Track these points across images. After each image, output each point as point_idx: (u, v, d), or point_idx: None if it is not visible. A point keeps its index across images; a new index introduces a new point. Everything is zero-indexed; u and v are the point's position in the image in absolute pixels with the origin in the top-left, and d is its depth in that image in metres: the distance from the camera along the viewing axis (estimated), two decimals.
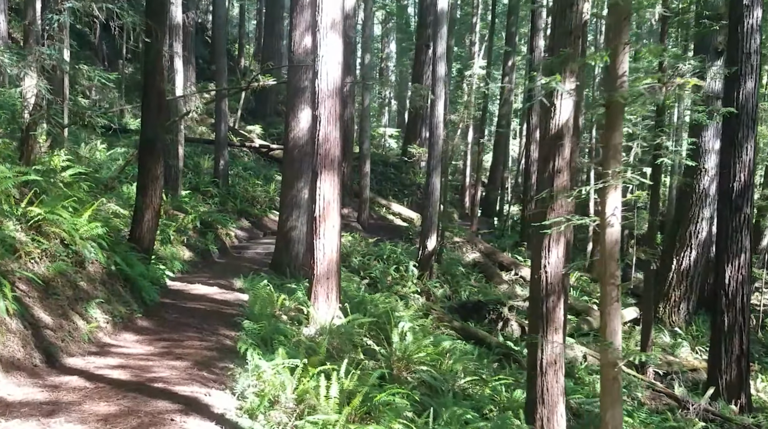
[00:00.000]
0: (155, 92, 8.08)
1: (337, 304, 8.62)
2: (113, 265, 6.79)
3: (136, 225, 8.36)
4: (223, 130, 18.28)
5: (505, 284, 19.19)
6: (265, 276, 11.37)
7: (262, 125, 24.91)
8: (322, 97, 8.45)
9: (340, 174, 8.78)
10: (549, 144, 7.29)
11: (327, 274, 8.54)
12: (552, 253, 7.33)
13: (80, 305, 5.87)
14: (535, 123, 22.00)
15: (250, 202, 18.63)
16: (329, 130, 8.47)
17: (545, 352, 7.39)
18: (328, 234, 8.56)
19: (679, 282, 18.60)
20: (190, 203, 15.20)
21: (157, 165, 8.27)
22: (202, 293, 9.16)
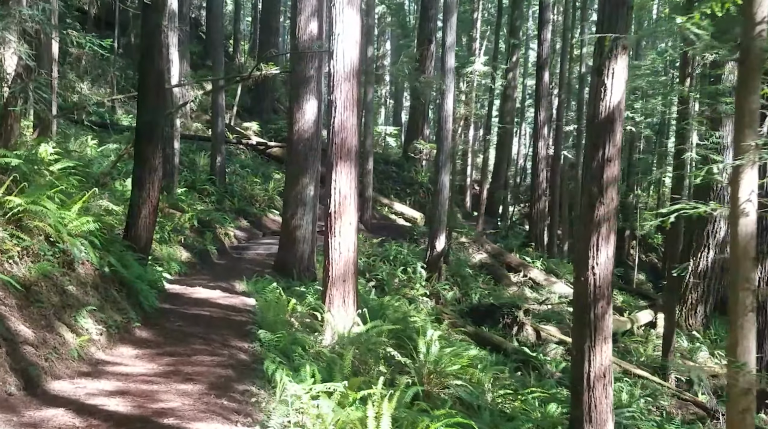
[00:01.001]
0: (154, 71, 7.25)
1: (354, 310, 7.80)
2: (107, 267, 5.92)
3: (131, 222, 7.51)
4: (221, 126, 17.42)
5: (514, 286, 18.43)
6: (270, 278, 10.55)
7: (259, 122, 24.03)
8: (338, 80, 7.62)
9: (358, 165, 7.96)
10: (598, 129, 6.48)
11: (343, 277, 7.72)
12: (601, 252, 6.53)
13: (68, 314, 4.97)
14: (543, 119, 21.26)
15: (248, 201, 17.78)
16: (346, 117, 7.65)
17: (593, 365, 6.58)
18: (344, 232, 7.74)
19: (696, 284, 17.83)
20: (186, 201, 14.35)
21: (156, 154, 7.42)
22: (205, 297, 8.30)
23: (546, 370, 12.47)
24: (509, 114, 25.63)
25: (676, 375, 14.52)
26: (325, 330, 7.36)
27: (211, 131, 18.24)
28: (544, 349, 14.36)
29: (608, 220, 6.47)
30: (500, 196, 25.21)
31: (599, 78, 6.45)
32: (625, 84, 6.51)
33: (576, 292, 6.89)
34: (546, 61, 21.19)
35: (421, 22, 24.43)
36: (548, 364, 12.90)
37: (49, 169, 7.76)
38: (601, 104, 6.44)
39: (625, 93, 6.53)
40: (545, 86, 21.22)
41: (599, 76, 6.45)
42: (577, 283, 6.81)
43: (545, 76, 21.09)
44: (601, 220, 6.45)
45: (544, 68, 21.12)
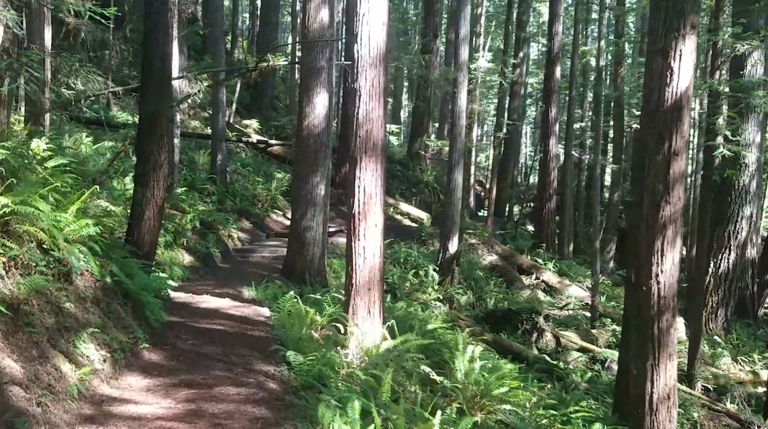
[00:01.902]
0: (158, 55, 6.48)
1: (380, 321, 7.05)
2: (109, 277, 5.12)
3: (134, 224, 6.74)
4: (221, 122, 16.63)
5: (527, 289, 17.70)
6: (280, 283, 9.80)
7: (259, 120, 23.24)
8: (363, 66, 6.87)
9: (384, 161, 7.21)
10: (664, 118, 5.75)
11: (368, 284, 6.97)
12: (666, 258, 5.79)
13: (66, 339, 4.11)
14: (554, 115, 20.54)
15: (250, 201, 16.99)
16: (371, 107, 6.90)
17: (656, 385, 5.84)
18: (369, 235, 6.99)
19: (716, 286, 17.17)
20: (187, 201, 13.55)
21: (161, 149, 6.65)
22: (214, 307, 7.53)
23: (571, 381, 11.76)
24: (516, 111, 24.93)
25: (703, 383, 13.85)
26: (350, 343, 6.61)
27: (210, 128, 17.45)
28: (565, 356, 13.67)
29: (675, 222, 5.75)
30: (507, 195, 24.49)
31: (664, 61, 5.73)
32: (693, 67, 5.78)
33: (634, 303, 6.15)
34: (557, 55, 20.49)
35: (426, 17, 23.69)
36: (573, 373, 12.19)
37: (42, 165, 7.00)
38: (667, 90, 5.71)
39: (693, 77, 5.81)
40: (556, 81, 20.50)
41: (664, 59, 5.73)
42: (637, 294, 6.08)
43: (556, 71, 20.38)
44: (666, 221, 5.73)
45: (556, 63, 20.41)
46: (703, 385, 13.66)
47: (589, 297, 17.69)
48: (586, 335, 14.70)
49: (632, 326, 6.36)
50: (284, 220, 17.60)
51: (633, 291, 6.20)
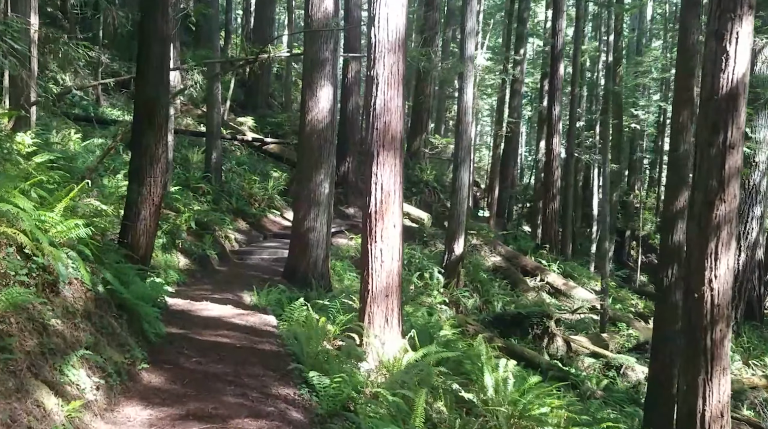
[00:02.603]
0: (157, 38, 5.88)
1: (399, 330, 6.48)
2: (101, 285, 4.50)
3: (129, 225, 6.12)
4: (216, 119, 15.98)
5: (532, 291, 17.18)
6: (282, 287, 9.21)
7: (254, 118, 22.59)
8: (381, 52, 6.29)
9: (403, 156, 6.64)
10: (718, 107, 5.19)
11: (386, 291, 6.39)
12: (721, 262, 5.23)
13: (51, 365, 3.41)
14: (558, 113, 20.05)
15: (246, 201, 16.36)
16: (390, 96, 6.32)
17: (709, 402, 5.28)
18: (387, 236, 6.41)
19: None
20: (181, 200, 12.92)
21: (159, 141, 6.03)
22: (216, 315, 6.90)
23: (587, 389, 11.24)
24: (516, 110, 24.41)
25: None
26: (367, 356, 6.03)
27: (205, 125, 16.79)
28: (576, 362, 13.15)
29: (730, 222, 5.20)
30: (507, 195, 23.97)
31: (719, 44, 5.17)
32: (750, 51, 5.23)
33: (686, 311, 5.59)
34: (561, 52, 19.99)
35: (426, 12, 23.11)
36: (588, 381, 11.66)
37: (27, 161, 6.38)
38: (722, 77, 5.16)
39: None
40: (560, 79, 20.02)
41: (719, 42, 5.17)
42: (687, 300, 5.52)
43: (560, 68, 19.89)
44: (721, 221, 5.18)
45: (559, 60, 19.91)
46: None
47: (597, 299, 17.20)
48: (596, 339, 14.18)
49: (680, 337, 5.80)
50: (282, 220, 16.99)
51: (664, 300, 5.66)
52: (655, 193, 39.70)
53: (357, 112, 19.74)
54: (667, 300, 7.62)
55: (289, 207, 18.20)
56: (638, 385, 11.98)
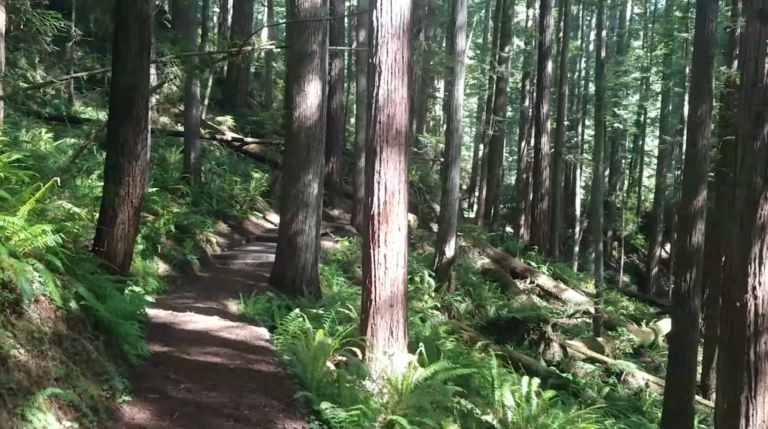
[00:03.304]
0: (135, 18, 5.24)
1: (404, 343, 5.91)
2: (74, 302, 3.85)
3: (104, 230, 5.46)
4: (195, 117, 15.30)
5: (523, 294, 16.73)
6: (271, 294, 8.59)
7: (233, 117, 21.86)
8: (384, 37, 5.73)
9: (408, 152, 6.08)
10: (763, 95, 4.72)
11: (390, 300, 5.83)
12: (766, 268, 4.75)
13: (10, 411, 2.70)
14: (546, 112, 19.65)
15: (227, 203, 15.67)
16: (393, 87, 5.75)
17: (753, 422, 4.79)
18: (391, 240, 5.85)
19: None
20: (160, 203, 12.23)
21: (139, 135, 5.39)
22: (203, 329, 6.27)
23: (588, 396, 10.79)
24: (501, 109, 23.97)
25: None
26: (372, 373, 5.46)
27: (183, 123, 16.09)
28: (573, 367, 12.71)
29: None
30: (493, 195, 23.55)
31: (763, 25, 4.69)
32: None
33: (723, 322, 5.11)
34: (549, 49, 19.60)
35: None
36: (589, 388, 11.22)
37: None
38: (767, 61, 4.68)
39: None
40: (548, 76, 19.62)
41: (763, 23, 4.70)
42: (727, 309, 5.04)
43: (548, 65, 19.50)
44: (766, 222, 4.70)
45: (547, 57, 19.52)
46: None
47: (589, 302, 16.82)
48: (592, 344, 13.77)
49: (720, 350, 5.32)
50: (264, 222, 16.34)
51: (682, 306, 5.19)
52: (635, 194, 39.68)
53: (341, 110, 19.16)
54: (685, 306, 7.15)
55: (271, 209, 17.56)
56: (640, 392, 11.58)
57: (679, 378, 7.37)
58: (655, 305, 20.87)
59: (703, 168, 7.04)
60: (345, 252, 14.22)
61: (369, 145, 5.89)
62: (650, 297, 22.70)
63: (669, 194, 34.89)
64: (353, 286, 12.51)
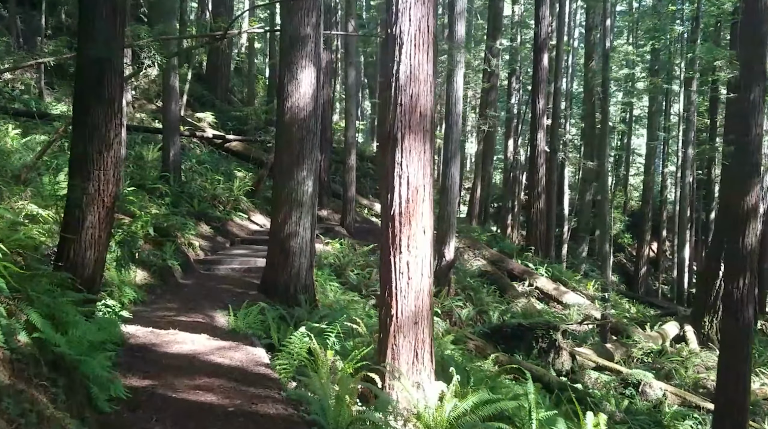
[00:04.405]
0: None
1: (432, 368, 5.00)
2: (23, 334, 2.85)
3: (70, 236, 4.46)
4: (174, 112, 14.25)
5: (522, 297, 15.90)
6: (263, 305, 7.62)
7: (214, 113, 20.78)
8: (406, 2, 4.81)
9: (434, 140, 5.17)
10: None
11: (415, 316, 4.92)
12: None
13: None
14: (542, 108, 18.89)
15: (210, 203, 14.64)
16: (418, 62, 4.84)
17: None
18: (415, 245, 4.93)
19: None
20: (137, 203, 11.20)
21: (111, 118, 4.39)
22: (189, 352, 5.27)
23: (607, 411, 9.95)
24: (492, 105, 23.17)
25: None
26: (396, 404, 4.54)
27: (162, 119, 15.03)
28: (583, 377, 11.89)
29: None
30: (485, 194, 22.75)
31: None
32: None
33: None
34: (545, 42, 18.81)
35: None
36: (606, 401, 10.39)
37: None
38: None
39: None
40: (544, 71, 18.84)
41: None
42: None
43: (544, 58, 18.71)
44: None
45: (543, 50, 18.74)
46: None
47: (591, 305, 16.07)
48: (601, 351, 12.97)
49: None
50: (249, 224, 15.34)
51: (734, 316, 4.38)
52: (621, 192, 39.22)
53: (328, 105, 18.19)
54: (738, 316, 6.32)
55: (257, 209, 16.56)
56: (660, 404, 10.78)
57: (732, 398, 6.55)
58: (654, 307, 20.21)
59: (756, 159, 6.23)
60: (337, 255, 13.29)
61: (388, 133, 4.96)
62: (648, 298, 22.06)
63: (656, 193, 34.53)
64: (348, 292, 11.60)
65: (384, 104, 5.05)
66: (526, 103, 33.75)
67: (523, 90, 35.64)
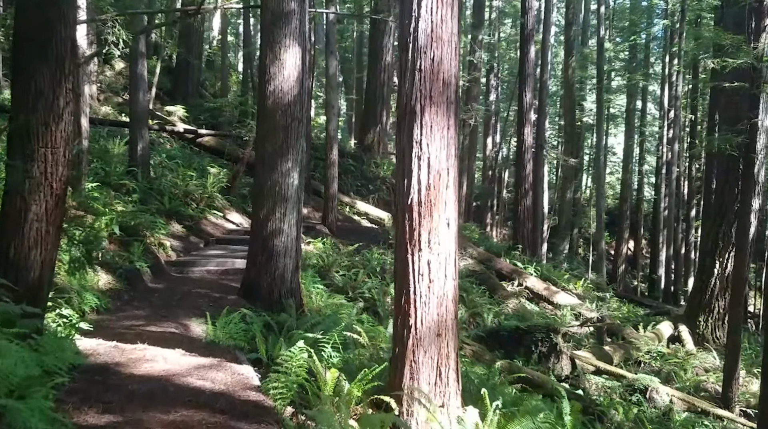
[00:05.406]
0: None
1: (458, 390, 4.16)
2: None
3: (8, 234, 3.51)
4: (142, 103, 13.21)
5: (513, 298, 15.17)
6: (245, 312, 6.70)
7: (185, 107, 19.71)
8: None
9: (459, 114, 4.33)
10: None
11: (437, 327, 4.08)
12: None
13: None
14: (529, 101, 18.20)
15: (182, 201, 13.61)
16: (440, 18, 4.00)
17: None
18: (438, 241, 4.09)
19: (723, 289, 15.24)
20: (100, 200, 10.19)
21: (61, 81, 3.44)
22: (162, 373, 4.31)
23: (615, 421, 9.25)
24: (475, 100, 22.50)
25: (741, 407, 11.77)
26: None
27: (129, 110, 13.97)
28: (580, 381, 11.19)
29: None
30: (470, 192, 22.04)
31: None
32: None
33: None
34: (531, 33, 18.12)
35: None
36: (614, 409, 9.67)
37: None
38: None
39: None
40: (531, 63, 18.15)
41: None
42: None
43: (531, 50, 18.02)
44: None
45: (530, 41, 18.04)
46: (741, 409, 11.57)
47: (581, 305, 15.44)
48: (600, 354, 12.29)
49: None
50: (225, 222, 14.36)
51: None
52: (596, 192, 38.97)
53: (308, 96, 17.22)
54: None
55: (232, 207, 15.58)
56: (669, 412, 10.11)
57: None
58: (643, 306, 19.68)
59: None
60: (321, 255, 12.38)
61: (404, 105, 4.11)
62: (636, 298, 21.52)
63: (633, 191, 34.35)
64: (334, 295, 10.73)
65: (400, 72, 4.20)
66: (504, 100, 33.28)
67: (502, 88, 35.18)
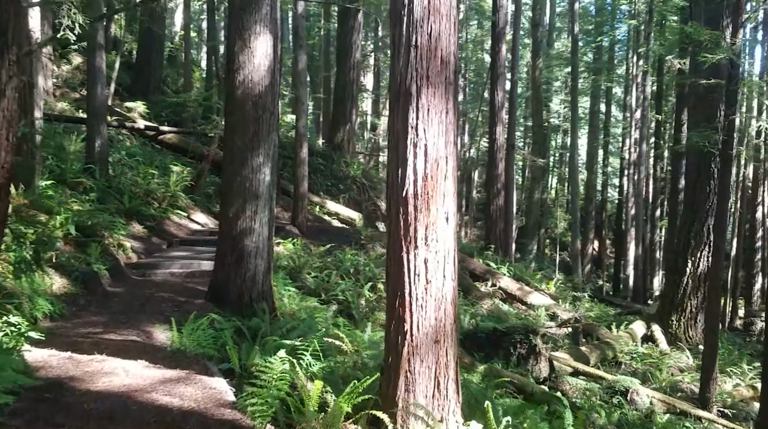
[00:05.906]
0: None
1: (458, 402, 3.75)
2: None
3: None
4: (101, 97, 12.54)
5: (487, 299, 14.89)
6: (215, 316, 6.22)
7: (145, 103, 18.95)
8: None
9: (457, 97, 3.93)
10: None
11: (435, 334, 3.67)
12: None
13: None
14: (501, 100, 17.98)
15: (143, 200, 12.95)
16: None
17: None
18: (435, 237, 3.68)
19: (695, 288, 15.21)
20: (55, 199, 9.53)
21: (4, 50, 2.93)
22: (122, 389, 3.78)
23: (597, 425, 8.99)
24: None
25: (719, 407, 11.67)
26: None
27: (86, 105, 13.26)
28: (559, 383, 10.94)
29: None
30: None
31: None
32: None
33: None
34: (503, 31, 17.90)
35: None
36: (596, 412, 9.42)
37: None
38: None
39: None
40: (502, 61, 17.93)
41: None
42: None
43: (503, 49, 17.80)
44: None
45: (501, 39, 17.82)
46: (719, 409, 11.46)
47: (555, 305, 15.26)
48: (577, 354, 12.07)
49: None
50: (189, 223, 13.73)
51: None
52: (563, 193, 39.19)
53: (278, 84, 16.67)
54: None
55: (197, 207, 14.94)
56: (651, 414, 9.90)
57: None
58: (613, 306, 19.63)
59: None
60: (291, 256, 11.87)
61: (397, 86, 3.69)
62: (606, 297, 21.47)
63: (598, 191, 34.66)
64: (306, 297, 10.25)
65: (393, 50, 3.77)
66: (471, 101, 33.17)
67: (469, 88, 35.05)
